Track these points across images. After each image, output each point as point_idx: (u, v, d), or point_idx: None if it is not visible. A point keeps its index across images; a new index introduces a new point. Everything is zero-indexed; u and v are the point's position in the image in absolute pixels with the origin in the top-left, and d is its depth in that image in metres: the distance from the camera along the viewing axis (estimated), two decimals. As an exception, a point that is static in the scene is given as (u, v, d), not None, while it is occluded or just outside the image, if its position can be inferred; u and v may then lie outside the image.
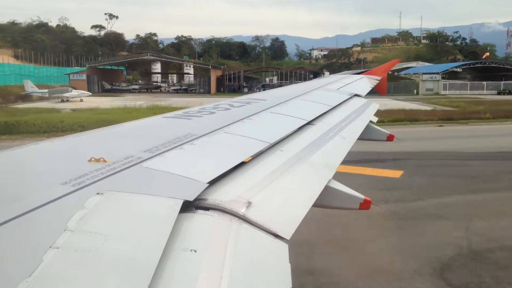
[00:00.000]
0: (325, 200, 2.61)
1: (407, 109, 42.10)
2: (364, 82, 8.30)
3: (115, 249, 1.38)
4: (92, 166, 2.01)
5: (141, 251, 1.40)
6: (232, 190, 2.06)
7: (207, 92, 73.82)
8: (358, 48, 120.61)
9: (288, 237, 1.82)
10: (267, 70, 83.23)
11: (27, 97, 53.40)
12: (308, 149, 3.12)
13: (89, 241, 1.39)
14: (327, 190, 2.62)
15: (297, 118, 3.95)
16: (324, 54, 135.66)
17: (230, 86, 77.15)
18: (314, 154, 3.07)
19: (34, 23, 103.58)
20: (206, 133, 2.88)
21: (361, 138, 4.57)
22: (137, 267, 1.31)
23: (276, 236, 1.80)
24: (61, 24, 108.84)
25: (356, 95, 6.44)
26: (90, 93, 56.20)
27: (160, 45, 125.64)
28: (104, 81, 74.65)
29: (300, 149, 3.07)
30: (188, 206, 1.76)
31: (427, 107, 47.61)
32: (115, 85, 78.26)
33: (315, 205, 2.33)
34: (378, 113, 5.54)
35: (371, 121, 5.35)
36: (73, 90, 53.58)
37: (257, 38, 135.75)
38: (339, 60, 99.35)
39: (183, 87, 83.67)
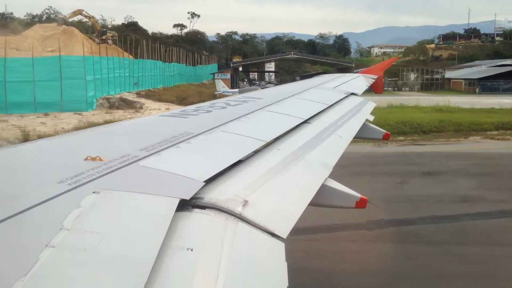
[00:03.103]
0: (322, 199, 2.61)
1: None
2: (360, 81, 8.33)
3: (112, 248, 1.38)
4: (89, 165, 2.01)
5: (137, 250, 1.39)
6: (228, 189, 2.06)
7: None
8: (432, 45, 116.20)
9: (284, 236, 1.82)
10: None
11: (217, 97, 53.35)
12: (305, 148, 3.12)
13: (85, 240, 1.38)
14: (323, 188, 2.62)
15: (294, 116, 3.95)
16: (383, 51, 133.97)
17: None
18: (311, 152, 3.08)
19: (99, 22, 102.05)
20: (203, 132, 2.88)
21: (358, 136, 4.58)
22: (134, 266, 1.31)
23: (273, 235, 1.80)
24: (126, 22, 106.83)
25: (353, 93, 6.46)
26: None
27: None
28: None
29: (296, 147, 3.07)
30: (184, 205, 1.76)
31: None
32: (254, 83, 77.15)
33: (312, 203, 2.33)
34: None
35: (367, 120, 5.37)
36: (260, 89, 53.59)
37: (321, 36, 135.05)
38: (418, 57, 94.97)
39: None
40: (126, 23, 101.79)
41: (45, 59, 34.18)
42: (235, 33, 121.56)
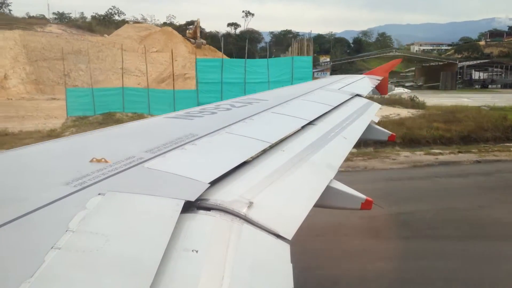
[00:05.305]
0: (327, 200, 2.60)
1: None
2: (365, 82, 8.30)
3: (117, 250, 1.38)
4: (94, 167, 2.01)
5: (142, 252, 1.39)
6: (233, 190, 2.05)
7: (453, 87, 66.41)
8: (482, 42, 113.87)
9: (289, 237, 1.81)
10: (488, 65, 74.82)
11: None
12: (310, 149, 3.11)
13: (90, 241, 1.38)
14: (328, 190, 2.61)
15: (299, 118, 3.94)
16: (423, 49, 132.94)
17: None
18: (316, 154, 3.07)
19: (140, 21, 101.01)
20: (208, 133, 2.88)
21: (363, 138, 4.56)
22: (139, 267, 1.31)
23: (278, 236, 1.79)
24: (168, 22, 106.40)
25: (358, 95, 6.44)
26: (409, 91, 54.83)
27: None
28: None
29: (301, 149, 3.06)
30: (189, 207, 1.76)
31: None
32: None
33: (317, 205, 2.32)
34: None
35: (372, 121, 5.35)
36: (395, 88, 54.08)
37: (365, 33, 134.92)
38: (471, 54, 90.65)
39: (419, 83, 74.67)
40: (168, 22, 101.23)
41: (276, 60, 36.55)
42: (290, 31, 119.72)
